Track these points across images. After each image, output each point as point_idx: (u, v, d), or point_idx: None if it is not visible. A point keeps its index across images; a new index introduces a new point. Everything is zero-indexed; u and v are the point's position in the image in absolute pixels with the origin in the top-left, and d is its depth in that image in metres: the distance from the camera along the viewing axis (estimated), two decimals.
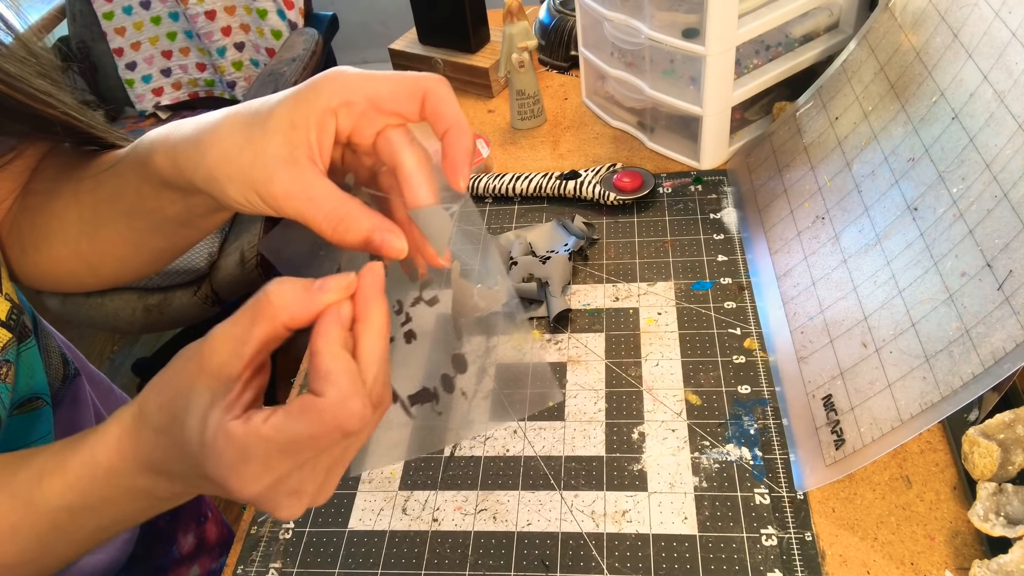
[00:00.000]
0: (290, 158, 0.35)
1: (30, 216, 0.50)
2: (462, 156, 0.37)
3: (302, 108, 0.35)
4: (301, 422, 0.31)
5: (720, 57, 0.73)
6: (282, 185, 0.35)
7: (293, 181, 0.35)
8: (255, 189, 0.35)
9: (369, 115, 0.37)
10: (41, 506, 0.36)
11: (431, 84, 0.36)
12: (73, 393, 0.59)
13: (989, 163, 0.52)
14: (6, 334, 0.46)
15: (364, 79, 0.36)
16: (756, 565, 0.50)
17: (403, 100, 0.36)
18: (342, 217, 0.35)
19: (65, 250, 0.49)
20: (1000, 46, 0.55)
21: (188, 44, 1.75)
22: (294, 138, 0.35)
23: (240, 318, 0.32)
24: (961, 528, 0.50)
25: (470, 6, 1.01)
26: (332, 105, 0.36)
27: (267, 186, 0.35)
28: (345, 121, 0.36)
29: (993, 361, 0.45)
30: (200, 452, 0.31)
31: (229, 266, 1.49)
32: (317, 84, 0.36)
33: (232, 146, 0.36)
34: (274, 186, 0.35)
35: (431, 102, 0.37)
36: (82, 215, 0.47)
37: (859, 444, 0.51)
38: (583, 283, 0.73)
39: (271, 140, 0.35)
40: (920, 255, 0.55)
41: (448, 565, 0.54)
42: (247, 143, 0.36)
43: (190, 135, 0.38)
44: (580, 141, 0.92)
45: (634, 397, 0.62)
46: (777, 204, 0.72)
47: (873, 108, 0.67)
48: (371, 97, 0.36)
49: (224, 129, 0.37)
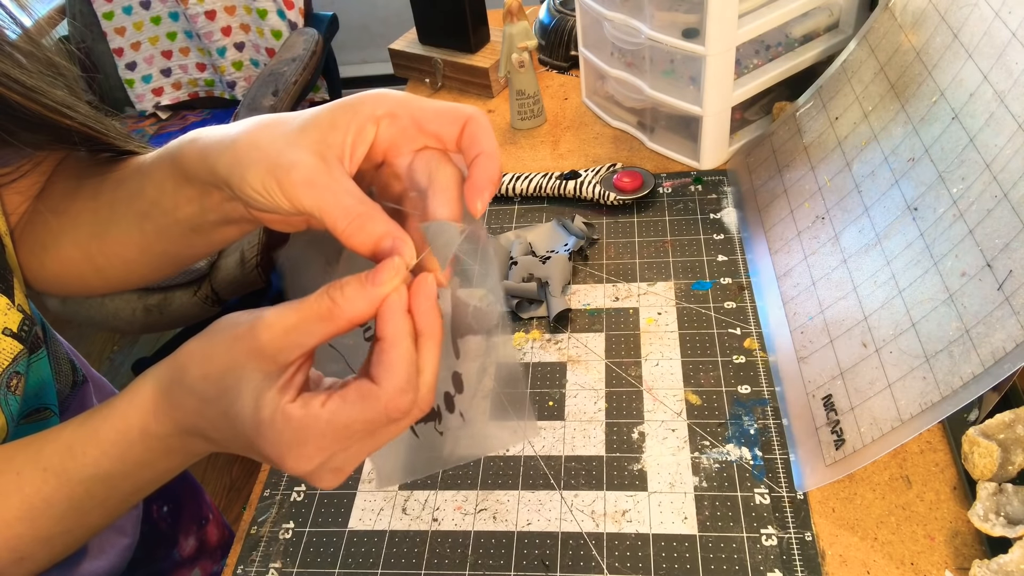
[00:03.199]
0: (319, 152, 0.35)
1: (44, 216, 0.50)
2: (486, 182, 0.37)
3: (346, 112, 0.36)
4: (356, 408, 0.32)
5: (720, 57, 0.73)
6: (304, 172, 0.35)
7: (317, 171, 0.35)
8: (275, 175, 0.35)
9: (410, 132, 0.37)
10: (75, 476, 0.37)
11: (473, 113, 0.37)
12: (80, 400, 0.59)
13: (989, 163, 0.52)
14: (17, 346, 0.45)
15: (409, 98, 0.37)
16: (756, 565, 0.50)
17: (445, 122, 0.37)
18: (359, 215, 0.35)
19: (75, 251, 0.49)
20: (1000, 46, 0.55)
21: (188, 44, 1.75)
22: (329, 136, 0.35)
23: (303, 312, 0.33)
24: (961, 528, 0.50)
25: (470, 6, 1.01)
26: (377, 113, 0.36)
27: (288, 172, 0.35)
28: (386, 133, 0.37)
29: (993, 361, 0.45)
30: (255, 430, 0.33)
31: (229, 266, 1.49)
32: (364, 97, 0.36)
33: (264, 135, 0.36)
34: (296, 173, 0.35)
35: (470, 129, 0.37)
36: (97, 215, 0.48)
37: (859, 444, 0.51)
38: (583, 283, 0.73)
39: (306, 134, 0.36)
40: (920, 255, 0.55)
41: (448, 565, 0.54)
42: (280, 135, 0.36)
43: (227, 133, 0.38)
44: (580, 141, 0.92)
45: (634, 397, 0.62)
46: (777, 204, 0.72)
47: (873, 108, 0.67)
48: (415, 114, 0.36)
49: (264, 127, 0.37)
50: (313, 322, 0.33)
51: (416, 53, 1.08)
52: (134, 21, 1.71)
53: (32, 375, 0.48)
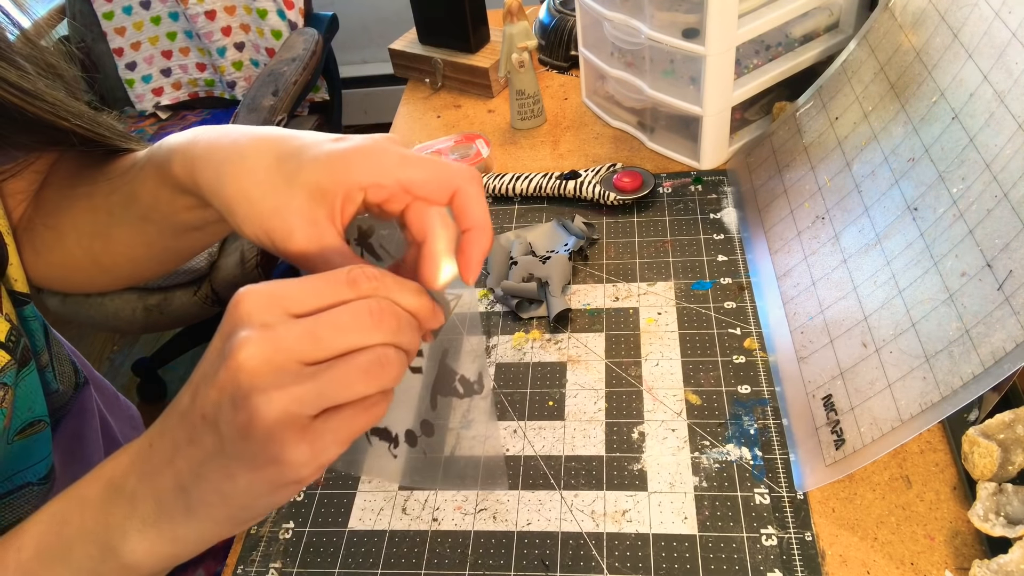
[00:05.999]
0: (311, 218, 0.35)
1: (44, 218, 0.50)
2: (478, 256, 0.38)
3: (333, 177, 0.35)
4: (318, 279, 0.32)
5: (720, 57, 0.73)
6: (299, 243, 0.35)
7: (311, 242, 0.35)
8: (271, 237, 0.36)
9: (399, 196, 0.37)
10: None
11: (463, 182, 0.37)
12: (81, 402, 0.59)
13: (989, 163, 0.52)
14: (4, 356, 0.45)
15: (400, 163, 0.36)
16: (756, 565, 0.50)
17: (434, 190, 0.37)
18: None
19: (79, 251, 0.49)
20: (1000, 46, 0.55)
21: (188, 44, 1.75)
22: (319, 201, 0.36)
23: None
24: (961, 528, 0.50)
25: (470, 6, 1.01)
26: (363, 183, 0.36)
27: (285, 240, 0.36)
28: (374, 196, 0.37)
29: (993, 361, 0.45)
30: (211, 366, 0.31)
31: (229, 266, 1.49)
32: (352, 158, 0.36)
33: (254, 189, 0.36)
34: (292, 242, 0.35)
35: (460, 199, 0.37)
36: (96, 218, 0.48)
37: (859, 444, 0.51)
38: (583, 283, 0.73)
39: (296, 196, 0.36)
40: (920, 255, 0.55)
41: (448, 565, 0.54)
42: (271, 191, 0.36)
43: (212, 157, 0.38)
44: (580, 141, 0.92)
45: (634, 397, 0.62)
46: (777, 204, 0.72)
47: (873, 108, 0.67)
48: (403, 182, 0.36)
49: (249, 164, 0.37)
50: None
51: (416, 53, 1.08)
52: (134, 21, 1.71)
53: (22, 388, 0.47)
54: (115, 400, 0.68)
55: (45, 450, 0.51)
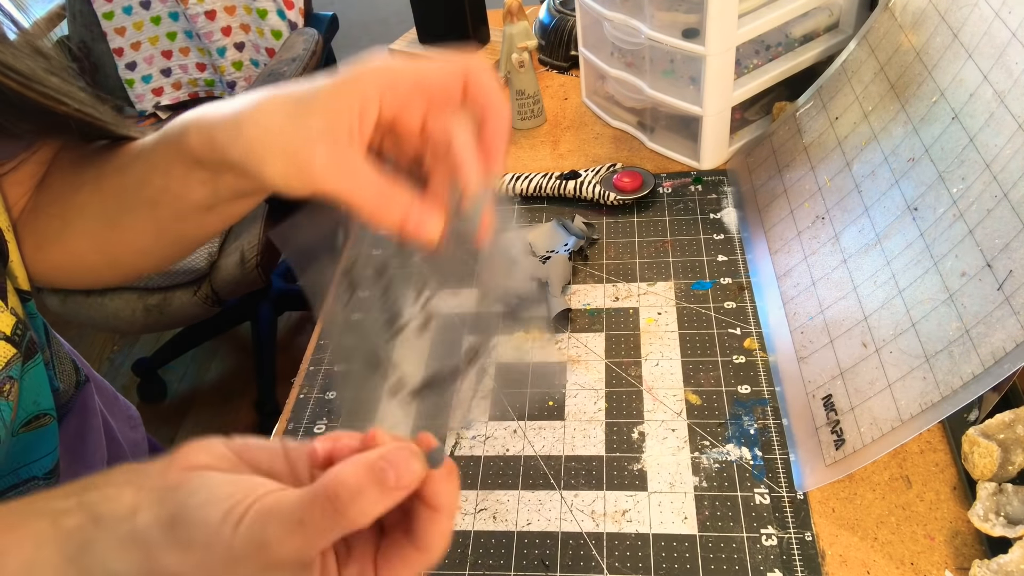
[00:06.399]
0: (331, 136, 0.35)
1: (48, 206, 0.49)
2: (498, 141, 0.37)
3: (345, 91, 0.36)
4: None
5: (720, 57, 0.73)
6: (323, 160, 0.35)
7: (335, 158, 0.35)
8: (296, 164, 0.36)
9: (414, 99, 0.37)
10: None
11: (473, 69, 0.37)
12: (82, 401, 0.59)
13: (989, 163, 0.52)
14: (10, 349, 0.44)
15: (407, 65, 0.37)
16: (756, 565, 0.50)
17: (447, 82, 0.37)
18: (381, 194, 0.36)
19: (85, 242, 0.48)
20: (1000, 46, 0.55)
21: (188, 44, 1.75)
22: (336, 119, 0.36)
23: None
24: (961, 528, 0.50)
25: (470, 6, 1.01)
26: (376, 89, 0.36)
27: (308, 162, 0.35)
28: (390, 105, 0.37)
29: (993, 361, 0.45)
30: None
31: (229, 266, 1.49)
32: (362, 72, 0.36)
33: (273, 122, 0.36)
34: (315, 162, 0.35)
35: (473, 84, 0.37)
36: (105, 205, 0.47)
37: (859, 444, 0.51)
38: (583, 283, 0.73)
39: (314, 119, 0.36)
40: (920, 255, 0.55)
41: (448, 565, 0.54)
42: (288, 120, 0.36)
43: (228, 113, 0.38)
44: (580, 141, 0.92)
45: (634, 397, 0.62)
46: (777, 204, 0.72)
47: (873, 108, 0.67)
48: (416, 80, 0.37)
49: (265, 107, 0.37)
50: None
51: (416, 53, 1.08)
52: (134, 21, 1.71)
53: (28, 381, 0.47)
54: (114, 400, 0.68)
55: (51, 444, 0.51)
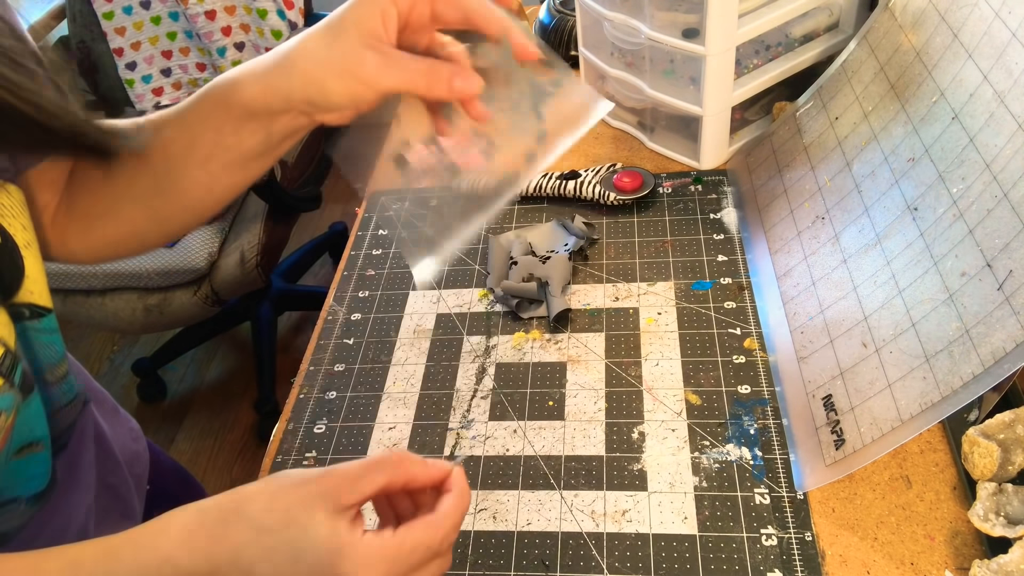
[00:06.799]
0: (369, 44, 0.43)
1: (93, 188, 0.53)
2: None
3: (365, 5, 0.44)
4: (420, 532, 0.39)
5: (720, 57, 0.73)
6: (373, 62, 0.43)
7: (382, 59, 0.43)
8: (353, 73, 0.43)
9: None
10: None
11: None
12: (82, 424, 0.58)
13: (989, 163, 0.52)
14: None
15: None
16: (756, 565, 0.50)
17: None
18: (428, 71, 0.44)
19: (136, 210, 0.52)
20: (1000, 46, 0.55)
21: (188, 44, 1.75)
22: (368, 29, 0.43)
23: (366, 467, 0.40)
24: (961, 528, 0.50)
25: None
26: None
27: (362, 67, 0.43)
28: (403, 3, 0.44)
29: (993, 361, 0.45)
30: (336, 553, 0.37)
31: (229, 266, 1.49)
32: None
33: (319, 53, 0.44)
34: (367, 65, 0.43)
35: None
36: (155, 171, 0.50)
37: (859, 444, 0.51)
38: (583, 283, 0.73)
39: (349, 37, 0.44)
40: (920, 255, 0.55)
41: None
42: (331, 46, 0.44)
43: (273, 61, 0.45)
44: (580, 141, 0.91)
45: (634, 397, 0.62)
46: (777, 204, 0.72)
47: (873, 108, 0.67)
48: None
49: (306, 44, 0.45)
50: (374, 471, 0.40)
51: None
52: (134, 21, 1.71)
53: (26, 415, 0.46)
54: (115, 414, 0.67)
55: (40, 468, 0.50)
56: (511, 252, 0.76)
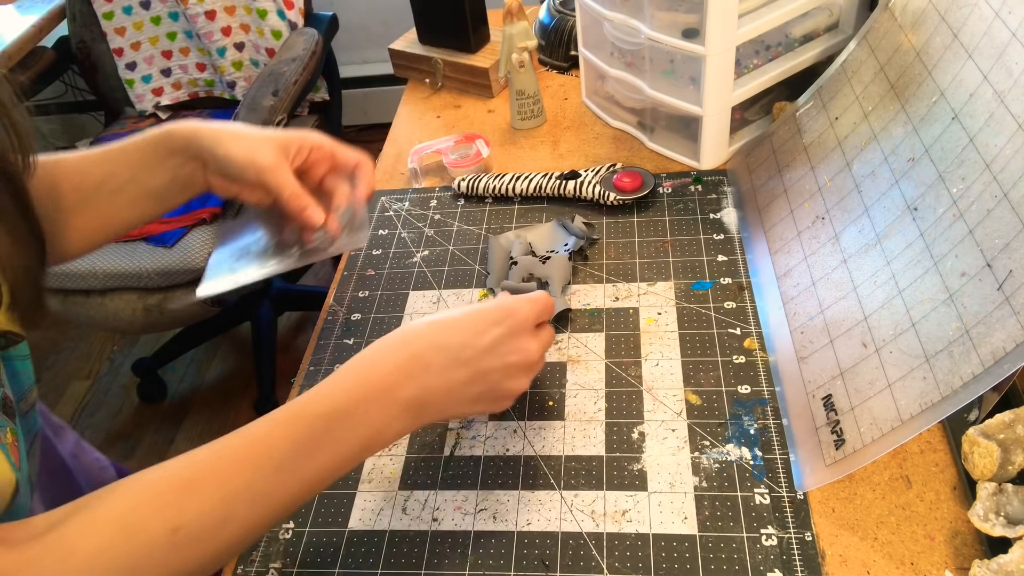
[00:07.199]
0: (277, 151, 0.62)
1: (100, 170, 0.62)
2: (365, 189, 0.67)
3: (294, 137, 0.64)
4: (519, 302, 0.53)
5: (720, 57, 0.73)
6: (270, 160, 0.61)
7: (278, 162, 0.62)
8: (254, 153, 0.61)
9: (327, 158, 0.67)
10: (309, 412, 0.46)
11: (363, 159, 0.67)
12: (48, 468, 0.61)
13: (989, 163, 0.52)
14: None
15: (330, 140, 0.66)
16: (756, 565, 0.50)
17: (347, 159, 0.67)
18: (296, 191, 0.62)
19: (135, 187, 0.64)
20: (1000, 46, 0.55)
21: (188, 44, 1.75)
22: (281, 144, 0.63)
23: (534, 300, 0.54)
24: (961, 528, 0.50)
25: (470, 6, 1.01)
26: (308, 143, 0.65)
27: (262, 155, 0.61)
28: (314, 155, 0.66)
29: (993, 361, 0.45)
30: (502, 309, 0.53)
31: None
32: (306, 132, 0.66)
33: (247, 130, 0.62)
34: (266, 159, 0.61)
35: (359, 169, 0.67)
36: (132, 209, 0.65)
37: (859, 444, 0.51)
38: (583, 283, 0.73)
39: (271, 140, 0.63)
40: (920, 255, 0.55)
41: (448, 565, 0.54)
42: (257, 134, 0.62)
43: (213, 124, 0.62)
44: (580, 141, 0.92)
45: (634, 397, 0.62)
46: (777, 204, 0.72)
47: (873, 108, 0.67)
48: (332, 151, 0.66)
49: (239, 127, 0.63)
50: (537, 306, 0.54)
51: (416, 53, 1.08)
52: (134, 21, 1.71)
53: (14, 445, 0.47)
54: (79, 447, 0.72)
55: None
56: (511, 252, 0.76)
